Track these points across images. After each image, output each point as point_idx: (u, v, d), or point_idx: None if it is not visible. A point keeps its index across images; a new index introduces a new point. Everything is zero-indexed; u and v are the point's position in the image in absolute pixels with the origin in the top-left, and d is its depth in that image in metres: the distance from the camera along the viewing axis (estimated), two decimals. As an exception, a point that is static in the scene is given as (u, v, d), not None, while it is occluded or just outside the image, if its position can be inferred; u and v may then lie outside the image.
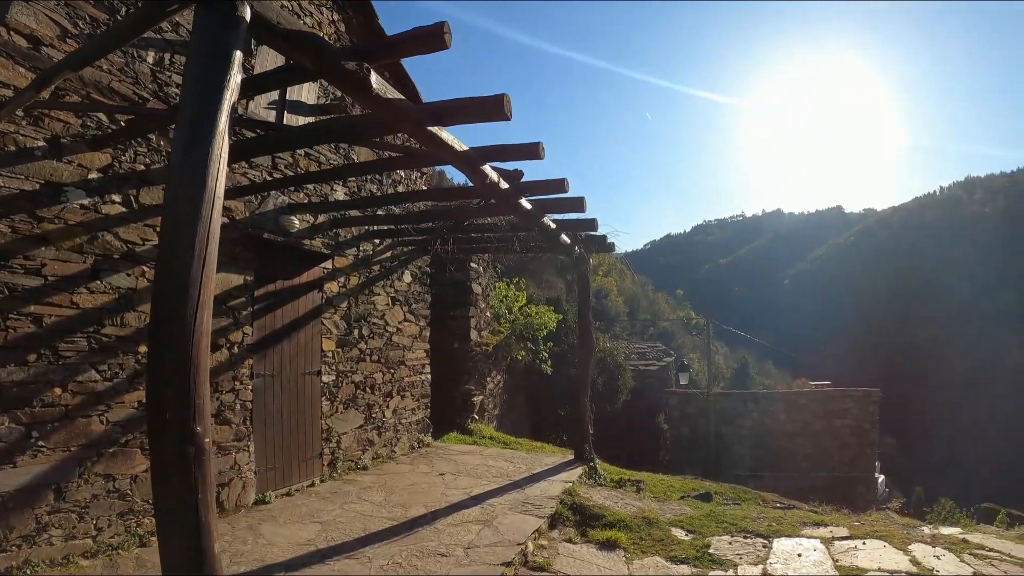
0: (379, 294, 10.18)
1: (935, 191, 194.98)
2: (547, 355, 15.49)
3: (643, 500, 8.55)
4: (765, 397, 23.32)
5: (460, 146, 4.81)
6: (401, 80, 9.69)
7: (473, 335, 13.16)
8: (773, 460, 22.24)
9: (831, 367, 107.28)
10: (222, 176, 2.81)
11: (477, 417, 13.06)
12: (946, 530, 8.26)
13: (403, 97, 4.06)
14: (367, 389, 9.82)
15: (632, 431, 26.70)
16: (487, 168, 5.38)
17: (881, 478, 23.66)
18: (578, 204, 7.20)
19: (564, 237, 8.69)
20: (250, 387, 7.55)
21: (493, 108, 4.21)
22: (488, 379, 13.68)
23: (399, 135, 9.00)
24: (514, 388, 15.67)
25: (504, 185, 5.87)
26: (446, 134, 4.58)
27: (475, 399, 12.87)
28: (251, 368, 7.59)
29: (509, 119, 4.25)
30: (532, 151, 5.18)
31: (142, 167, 6.11)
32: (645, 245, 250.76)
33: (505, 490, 8.27)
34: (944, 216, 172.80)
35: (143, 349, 6.14)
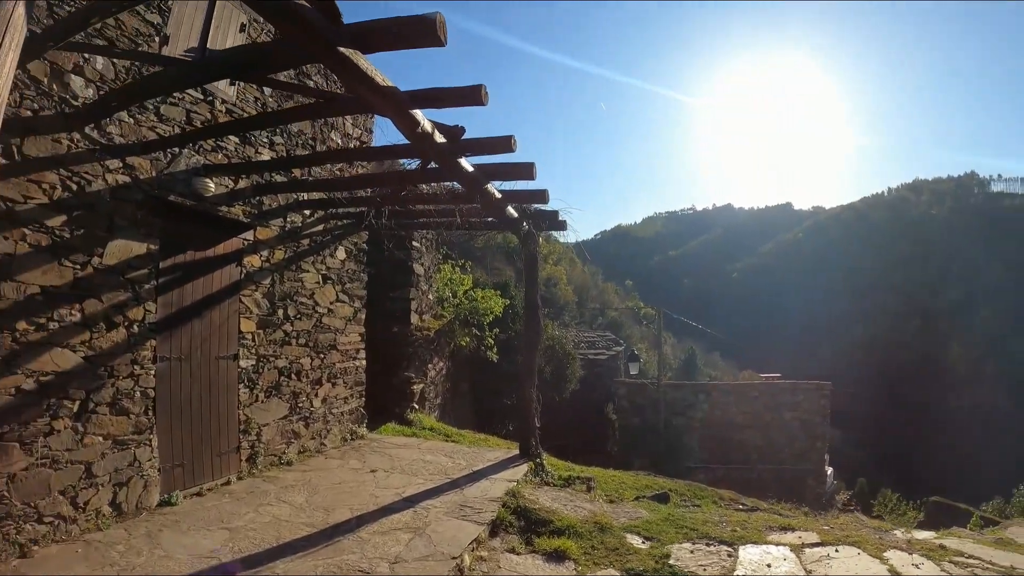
0: (308, 271, 9.20)
1: (883, 192, 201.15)
2: (493, 342, 14.65)
3: (594, 502, 7.78)
4: (716, 389, 22.93)
5: (381, 79, 3.88)
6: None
7: (414, 319, 12.24)
8: (723, 452, 21.92)
9: (777, 360, 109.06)
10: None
11: (417, 407, 12.17)
12: (920, 535, 7.70)
13: (307, 4, 3.15)
14: (293, 376, 8.86)
15: (581, 421, 26.09)
16: (418, 114, 4.47)
17: (830, 471, 23.49)
18: (526, 170, 6.35)
19: (511, 210, 7.82)
20: (153, 372, 6.56)
21: (425, 30, 3.35)
22: (430, 366, 12.79)
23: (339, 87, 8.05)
24: (458, 376, 14.81)
25: (440, 138, 4.98)
26: (364, 62, 3.65)
27: (415, 387, 11.97)
28: (154, 350, 6.59)
29: (444, 44, 3.44)
30: (473, 95, 4.29)
31: (29, 112, 5.12)
32: (596, 235, 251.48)
33: (442, 490, 7.42)
34: (891, 216, 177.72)
35: (24, 326, 5.23)
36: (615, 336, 34.47)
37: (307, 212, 9.11)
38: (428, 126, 4.66)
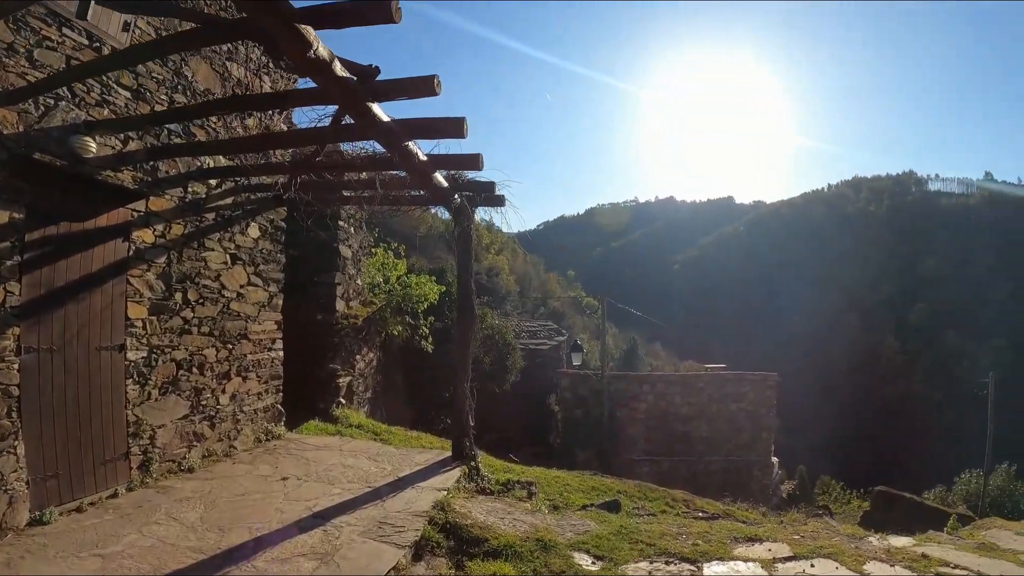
0: (214, 250, 8.06)
1: (823, 188, 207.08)
2: (428, 331, 13.62)
3: (536, 512, 6.86)
4: (661, 380, 22.38)
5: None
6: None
7: (340, 306, 11.16)
8: (668, 444, 21.48)
9: (716, 351, 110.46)
10: None
11: (344, 402, 11.11)
12: (898, 541, 7.02)
13: None
14: (195, 369, 7.74)
15: (522, 412, 25.34)
16: (309, 32, 3.43)
17: (775, 461, 23.24)
18: (455, 127, 5.35)
19: (439, 178, 6.79)
20: (16, 366, 5.44)
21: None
22: (358, 357, 11.72)
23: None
24: (390, 368, 13.75)
25: (342, 72, 3.95)
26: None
27: (341, 381, 10.91)
28: (18, 340, 5.46)
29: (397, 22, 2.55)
30: (383, 12, 3.29)
31: None
32: (539, 225, 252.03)
33: (360, 503, 6.42)
34: (831, 212, 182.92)
35: None
36: (557, 326, 33.78)
37: (213, 182, 7.97)
38: (325, 52, 3.64)
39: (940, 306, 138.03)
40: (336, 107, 4.99)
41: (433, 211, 10.13)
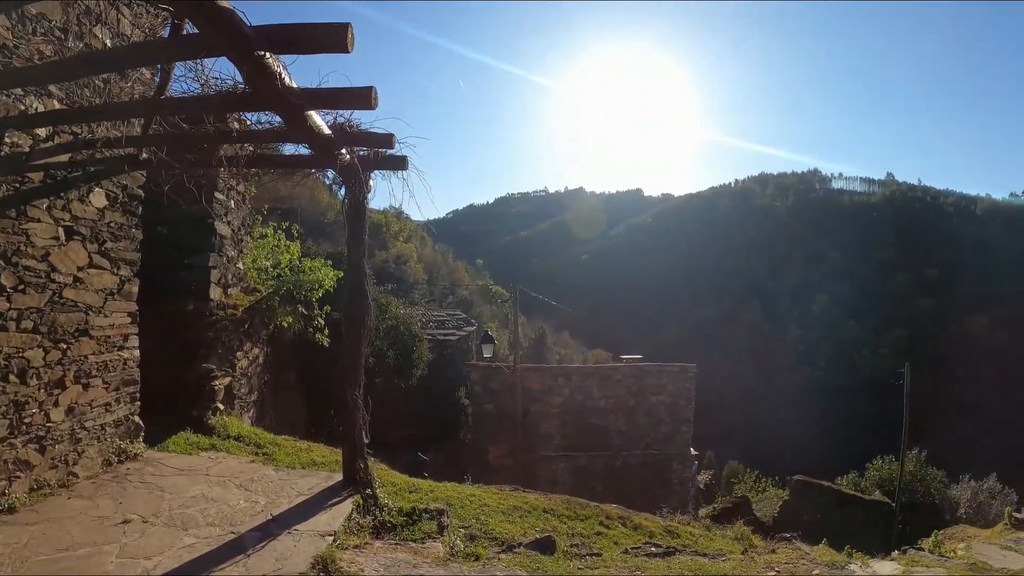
0: (40, 220, 6.23)
1: (731, 183, 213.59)
2: (323, 322, 11.96)
3: (449, 561, 5.41)
4: (577, 372, 21.33)
5: None
6: None
7: (215, 293, 9.39)
8: (585, 439, 20.55)
9: (624, 338, 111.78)
10: None
11: (223, 408, 9.37)
12: (883, 568, 5.98)
13: None
14: (12, 377, 5.93)
15: (431, 407, 23.86)
16: None
17: (695, 454, 22.64)
18: (362, 97, 3.89)
19: (318, 120, 5.00)
20: None
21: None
22: (240, 354, 9.99)
23: None
24: (281, 365, 12.02)
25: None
26: None
27: (218, 383, 9.16)
28: None
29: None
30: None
31: None
32: (448, 214, 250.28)
33: (217, 560, 4.82)
34: (737, 205, 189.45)
35: None
36: (466, 315, 32.35)
37: (41, 132, 6.15)
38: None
39: (841, 297, 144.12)
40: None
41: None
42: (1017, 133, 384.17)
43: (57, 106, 6.15)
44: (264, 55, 3.50)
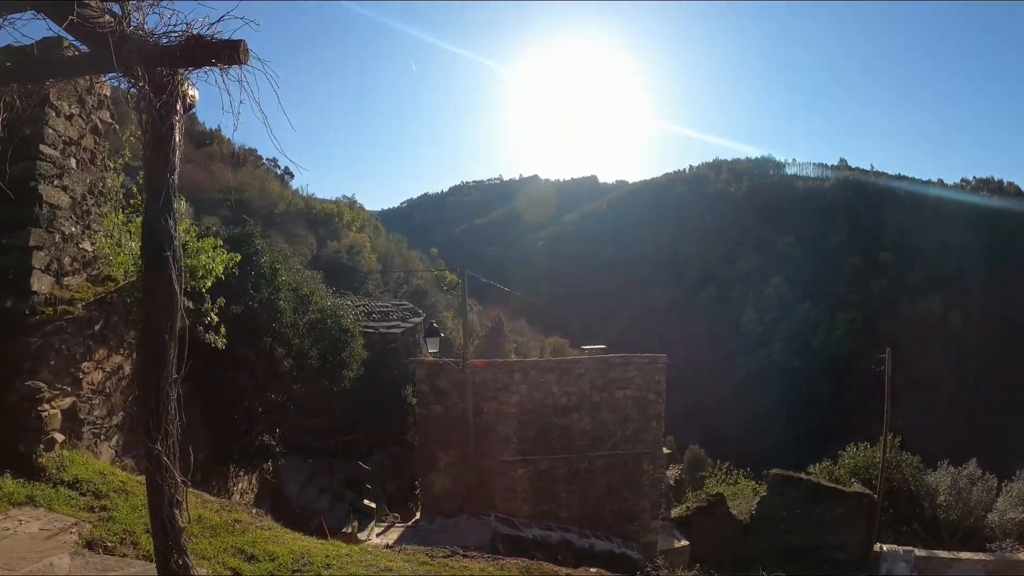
0: None
1: (685, 169, 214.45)
2: (217, 318, 9.58)
3: None
4: (535, 367, 19.15)
5: None
6: None
7: (42, 284, 6.92)
8: (546, 441, 18.46)
9: (580, 324, 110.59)
10: None
11: (64, 437, 6.96)
12: None
13: None
14: None
15: (373, 408, 21.74)
16: None
17: (667, 452, 20.78)
18: None
19: None
20: None
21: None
22: (88, 365, 7.55)
23: None
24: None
25: None
26: None
27: (50, 406, 6.73)
28: None
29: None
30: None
31: None
32: (402, 203, 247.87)
33: None
34: (691, 191, 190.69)
35: None
36: (414, 305, 30.10)
37: None
38: None
39: (795, 280, 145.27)
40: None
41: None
42: (969, 119, 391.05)
43: None
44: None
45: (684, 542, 20.48)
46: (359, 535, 16.05)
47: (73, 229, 7.54)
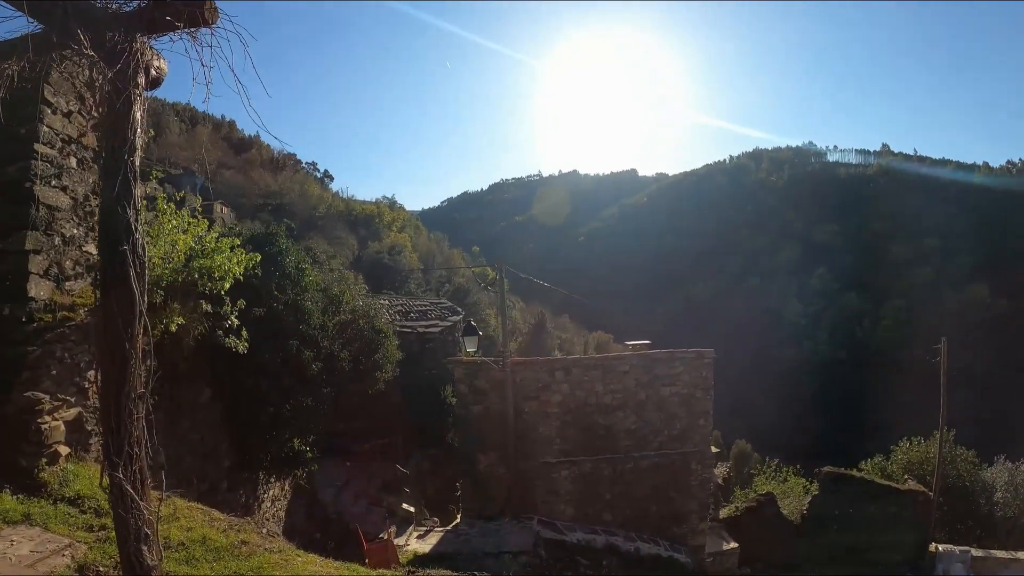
0: None
1: (725, 159, 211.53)
2: (238, 321, 9.18)
3: None
4: (577, 364, 18.45)
5: None
6: None
7: (41, 290, 6.51)
8: (589, 441, 17.81)
9: (624, 320, 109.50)
10: None
11: (69, 450, 6.58)
12: None
13: None
14: None
15: (412, 408, 21.34)
16: None
17: (715, 451, 20.00)
18: None
19: None
20: None
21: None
22: (94, 373, 7.19)
23: None
24: (182, 381, 9.18)
25: None
26: None
27: (52, 418, 6.35)
28: None
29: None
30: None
31: None
32: (442, 202, 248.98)
33: None
34: (732, 182, 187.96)
35: None
36: (452, 304, 29.65)
37: None
38: None
39: (839, 270, 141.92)
40: None
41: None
42: (1014, 100, 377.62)
43: None
44: None
45: (733, 544, 19.68)
46: (397, 540, 15.63)
47: (75, 231, 7.14)
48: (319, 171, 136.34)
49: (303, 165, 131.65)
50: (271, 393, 10.61)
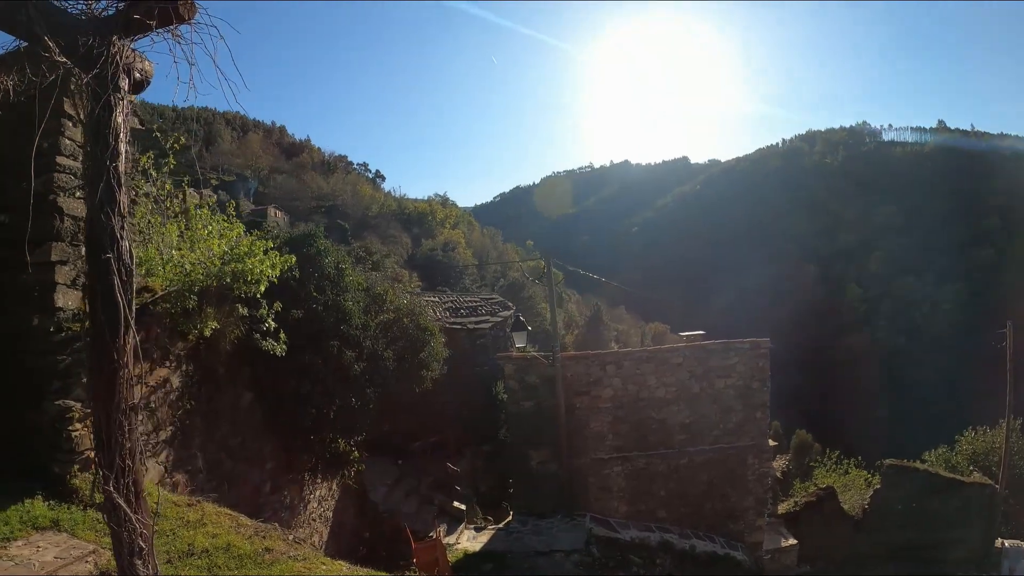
0: None
1: (778, 143, 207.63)
2: (274, 324, 9.15)
3: None
4: (629, 358, 18.06)
5: None
6: None
7: (67, 300, 6.51)
8: (642, 437, 17.48)
9: (680, 310, 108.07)
10: None
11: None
12: None
13: None
14: None
15: (463, 405, 21.23)
16: None
17: (773, 444, 19.45)
18: None
19: None
20: None
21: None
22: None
23: None
24: (221, 385, 9.16)
25: None
26: None
27: (82, 426, 6.36)
28: None
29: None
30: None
31: None
32: (495, 198, 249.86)
33: None
34: (786, 166, 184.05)
35: None
36: (503, 299, 29.45)
37: None
38: None
39: (898, 253, 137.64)
40: None
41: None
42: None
43: None
44: None
45: (792, 541, 19.08)
46: (448, 538, 15.56)
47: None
48: (370, 172, 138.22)
49: (354, 166, 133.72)
50: (313, 395, 10.58)
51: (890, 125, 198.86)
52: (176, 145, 9.08)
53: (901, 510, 20.33)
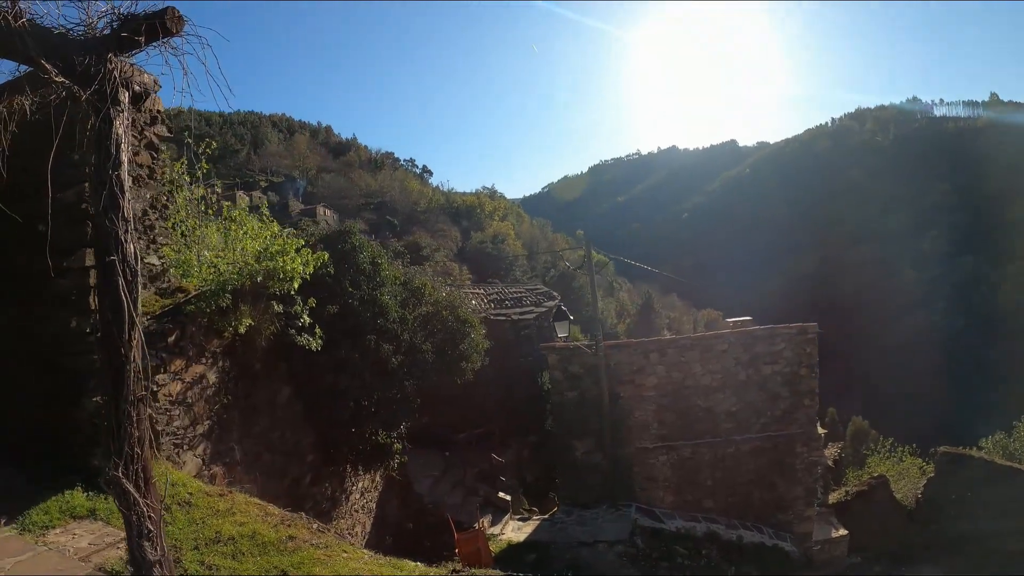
0: None
1: (827, 122, 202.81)
2: (309, 319, 9.32)
3: None
4: (673, 345, 17.88)
5: None
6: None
7: None
8: (687, 425, 17.33)
9: (731, 296, 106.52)
10: None
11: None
12: None
13: None
14: None
15: (509, 396, 21.41)
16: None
17: (823, 432, 19.07)
18: None
19: None
20: None
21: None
22: (163, 377, 7.36)
23: None
24: (258, 380, 9.38)
25: None
26: None
27: (120, 421, 6.66)
28: None
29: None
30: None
31: None
32: (544, 188, 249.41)
33: None
34: (835, 146, 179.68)
35: None
36: (549, 290, 29.49)
37: None
38: None
39: (954, 233, 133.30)
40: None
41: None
42: None
43: None
44: None
45: (842, 531, 18.61)
46: (492, 529, 15.69)
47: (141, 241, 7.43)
48: (417, 167, 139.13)
49: (401, 163, 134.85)
50: (351, 388, 10.76)
51: (941, 100, 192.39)
52: (208, 150, 9.37)
53: (955, 500, 19.67)
